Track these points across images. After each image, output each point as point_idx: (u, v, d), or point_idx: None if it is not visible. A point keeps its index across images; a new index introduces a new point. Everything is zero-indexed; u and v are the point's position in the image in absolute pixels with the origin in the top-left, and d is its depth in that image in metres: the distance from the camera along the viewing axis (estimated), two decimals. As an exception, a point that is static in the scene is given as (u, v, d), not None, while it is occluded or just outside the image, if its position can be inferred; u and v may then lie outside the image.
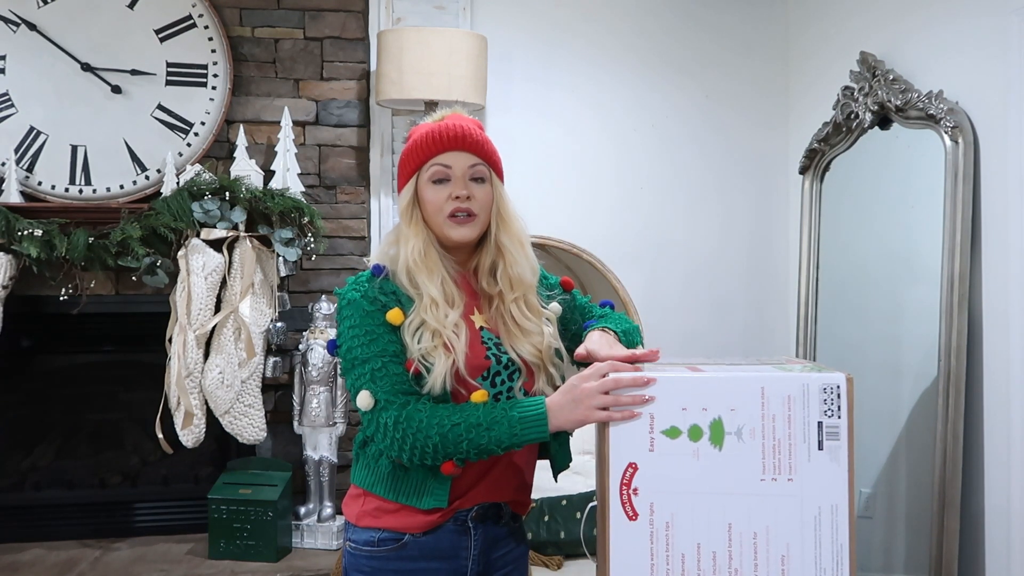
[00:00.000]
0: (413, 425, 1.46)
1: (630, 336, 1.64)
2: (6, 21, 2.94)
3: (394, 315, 1.52)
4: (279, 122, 3.04)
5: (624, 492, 1.37)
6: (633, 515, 1.36)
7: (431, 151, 1.58)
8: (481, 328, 1.58)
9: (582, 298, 1.76)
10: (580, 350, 1.54)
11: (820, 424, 1.36)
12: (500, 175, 1.64)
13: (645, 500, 1.36)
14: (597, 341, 1.54)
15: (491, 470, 1.57)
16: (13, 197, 2.85)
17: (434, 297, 1.52)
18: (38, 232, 2.74)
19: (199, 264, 2.82)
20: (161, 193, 2.90)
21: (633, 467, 1.37)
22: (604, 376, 1.42)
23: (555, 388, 1.56)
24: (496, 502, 1.60)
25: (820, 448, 1.36)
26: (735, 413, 1.36)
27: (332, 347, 1.60)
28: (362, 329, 1.52)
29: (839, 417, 1.36)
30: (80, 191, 2.97)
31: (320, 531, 2.95)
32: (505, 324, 1.59)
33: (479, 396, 1.50)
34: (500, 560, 1.63)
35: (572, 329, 1.71)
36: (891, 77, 2.74)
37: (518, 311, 1.59)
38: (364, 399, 1.49)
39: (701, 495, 1.36)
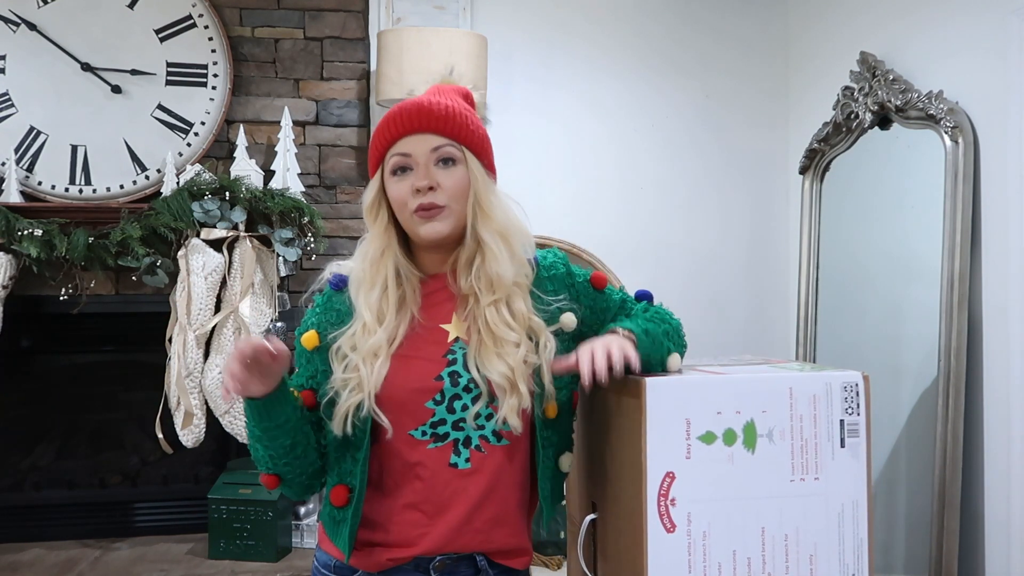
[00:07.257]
0: None
1: (653, 337, 1.39)
2: (6, 21, 2.94)
3: (307, 338, 1.40)
4: (279, 122, 3.04)
5: (662, 503, 1.31)
6: (671, 527, 1.31)
7: (390, 137, 1.36)
8: (456, 339, 1.35)
9: (618, 294, 1.51)
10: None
11: (842, 422, 1.36)
12: (482, 153, 1.38)
13: (683, 510, 1.31)
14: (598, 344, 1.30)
15: (448, 512, 1.33)
16: (13, 197, 2.85)
17: (365, 317, 1.33)
18: (38, 232, 2.74)
19: (199, 264, 2.81)
20: (161, 193, 2.90)
21: (671, 476, 1.31)
22: None
23: (520, 416, 1.31)
24: (468, 553, 1.36)
25: (842, 445, 1.36)
26: (766, 415, 1.33)
27: None
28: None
29: (858, 414, 1.37)
30: (80, 191, 2.97)
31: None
32: (479, 333, 1.33)
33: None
34: None
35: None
36: (891, 77, 2.74)
37: (496, 317, 1.32)
38: None
39: (736, 501, 1.33)
